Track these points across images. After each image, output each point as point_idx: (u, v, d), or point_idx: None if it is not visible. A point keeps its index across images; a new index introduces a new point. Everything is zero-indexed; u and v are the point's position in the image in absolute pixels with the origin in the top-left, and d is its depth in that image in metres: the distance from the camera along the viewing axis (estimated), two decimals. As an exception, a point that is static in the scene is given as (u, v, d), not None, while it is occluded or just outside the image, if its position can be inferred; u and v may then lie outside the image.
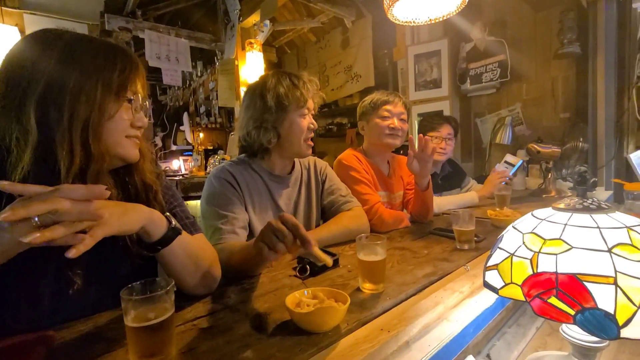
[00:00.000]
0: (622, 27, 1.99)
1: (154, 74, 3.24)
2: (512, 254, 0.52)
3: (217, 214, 0.96)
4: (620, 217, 0.48)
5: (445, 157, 1.90)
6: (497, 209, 1.46)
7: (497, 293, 0.52)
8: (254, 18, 2.46)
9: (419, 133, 2.02)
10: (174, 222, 0.62)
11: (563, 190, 1.89)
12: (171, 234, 0.61)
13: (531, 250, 0.49)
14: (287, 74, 1.08)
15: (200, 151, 3.58)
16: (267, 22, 2.56)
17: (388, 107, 1.41)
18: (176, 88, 3.97)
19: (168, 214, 0.63)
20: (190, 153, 3.82)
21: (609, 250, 0.44)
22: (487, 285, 0.55)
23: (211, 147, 3.88)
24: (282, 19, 3.47)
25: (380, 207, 1.27)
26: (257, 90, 1.05)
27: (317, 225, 1.15)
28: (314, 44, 4.13)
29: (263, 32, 2.58)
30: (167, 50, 2.58)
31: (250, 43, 2.48)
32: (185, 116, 4.11)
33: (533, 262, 0.48)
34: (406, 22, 1.38)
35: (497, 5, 2.45)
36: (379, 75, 3.45)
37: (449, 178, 1.94)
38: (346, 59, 3.72)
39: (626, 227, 0.46)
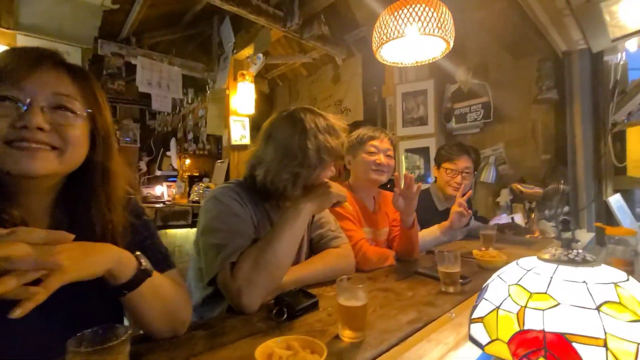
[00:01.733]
0: (596, 77, 2.12)
1: (145, 99, 3.24)
2: (498, 307, 0.49)
3: (225, 232, 0.87)
4: (606, 272, 0.46)
5: (460, 192, 1.71)
6: (483, 249, 1.45)
7: (483, 350, 0.49)
8: (248, 51, 2.53)
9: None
10: (144, 262, 0.57)
11: (546, 231, 1.90)
12: (140, 277, 0.56)
13: (517, 304, 0.47)
14: (325, 121, 1.02)
15: (185, 178, 3.51)
16: (261, 55, 2.64)
17: (374, 142, 1.42)
18: (165, 114, 3.98)
19: (139, 253, 0.58)
20: (175, 179, 3.76)
21: (597, 309, 0.41)
22: (472, 339, 0.51)
23: (197, 174, 3.83)
24: (275, 53, 3.58)
25: (365, 245, 1.24)
26: (296, 138, 0.95)
27: (307, 258, 1.10)
28: (305, 77, 4.26)
29: (256, 64, 2.65)
30: (158, 77, 2.61)
31: (242, 74, 2.53)
32: (172, 141, 4.09)
33: (519, 317, 0.45)
34: (393, 63, 1.43)
35: (480, 51, 2.60)
36: (368, 110, 3.54)
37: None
38: (337, 93, 3.83)
39: (613, 283, 0.44)
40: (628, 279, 0.45)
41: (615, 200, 2.08)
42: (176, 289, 0.67)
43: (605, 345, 0.38)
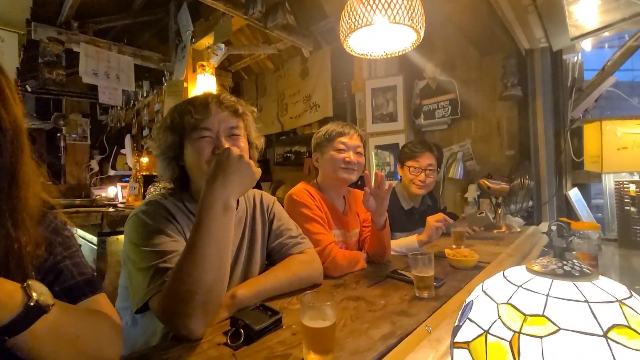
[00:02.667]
0: (556, 75, 2.18)
1: (95, 91, 2.94)
2: (487, 332, 0.41)
3: (155, 253, 0.75)
4: (608, 286, 0.40)
5: (424, 190, 1.74)
6: (454, 247, 1.42)
7: (471, 384, 0.41)
8: (208, 40, 2.35)
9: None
10: (36, 295, 0.43)
11: (512, 226, 1.93)
12: (29, 315, 0.42)
13: (510, 329, 0.39)
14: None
15: (139, 178, 3.23)
16: (222, 45, 2.46)
17: (343, 139, 1.33)
18: (118, 108, 3.65)
19: (30, 282, 0.44)
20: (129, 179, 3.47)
21: (605, 335, 0.35)
22: (456, 369, 0.43)
23: (155, 174, 3.54)
24: (238, 43, 3.39)
25: (334, 249, 1.15)
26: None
27: (261, 272, 0.99)
28: (272, 72, 4.11)
29: (217, 55, 2.47)
30: (106, 67, 2.35)
31: (202, 65, 2.35)
32: (127, 139, 3.76)
33: (513, 345, 0.38)
34: (362, 54, 1.34)
35: (447, 47, 2.60)
36: (337, 106, 3.47)
37: (428, 213, 1.79)
38: (305, 88, 3.72)
39: (618, 301, 0.38)
40: (631, 295, 0.39)
41: (574, 194, 2.16)
42: (95, 322, 0.54)
43: (617, 382, 0.32)
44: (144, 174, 3.26)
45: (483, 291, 0.47)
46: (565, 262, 0.43)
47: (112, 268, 2.00)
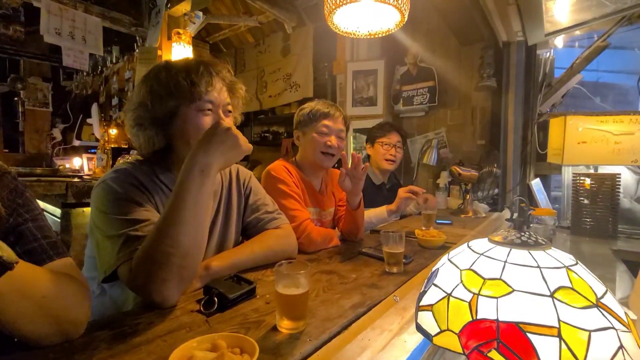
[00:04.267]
0: (529, 69, 2.26)
1: (58, 54, 2.72)
2: (449, 294, 0.45)
3: (126, 221, 0.72)
4: (557, 255, 0.44)
5: (395, 165, 1.94)
6: (424, 228, 1.48)
7: (432, 341, 0.44)
8: (184, 7, 2.22)
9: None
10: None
11: (479, 212, 2.03)
12: None
13: (470, 291, 0.43)
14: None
15: (108, 149, 3.06)
16: (200, 13, 2.34)
17: (327, 122, 1.32)
18: (84, 73, 3.39)
19: None
20: (96, 151, 3.27)
21: (551, 295, 0.39)
22: (420, 329, 0.47)
23: (125, 147, 3.35)
24: (217, 12, 3.23)
25: (309, 225, 1.17)
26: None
27: (235, 246, 0.99)
28: (253, 46, 3.97)
29: (194, 23, 2.35)
30: (70, 27, 2.15)
31: (178, 33, 2.23)
32: (94, 108, 3.52)
33: (472, 305, 0.41)
34: (346, 32, 1.33)
35: (429, 34, 2.62)
36: (318, 87, 3.43)
37: (395, 190, 1.91)
38: (286, 66, 3.63)
39: (565, 267, 0.42)
40: (577, 263, 0.44)
41: (536, 184, 2.30)
42: (61, 283, 0.52)
43: (559, 335, 0.36)
44: (113, 146, 3.10)
45: (449, 260, 0.51)
46: (522, 234, 0.47)
47: (77, 241, 1.92)
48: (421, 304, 0.49)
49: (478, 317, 0.40)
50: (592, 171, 2.15)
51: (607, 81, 3.26)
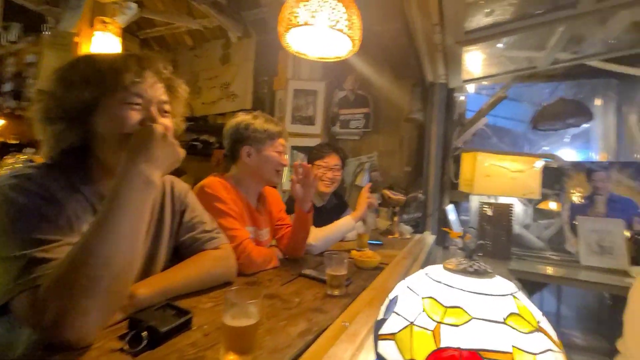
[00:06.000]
0: (448, 109, 2.59)
1: None
2: (412, 323, 0.46)
3: (29, 240, 0.58)
4: (502, 282, 0.49)
5: (332, 188, 1.90)
6: (359, 249, 1.53)
7: (395, 371, 0.44)
8: (115, -6, 1.99)
9: (308, 162, 2.01)
10: None
11: (404, 233, 2.19)
12: None
13: (433, 320, 0.44)
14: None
15: (-6, 144, 2.47)
16: (133, 4, 2.12)
17: (282, 141, 1.31)
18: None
19: None
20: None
21: (504, 322, 0.42)
22: (381, 359, 0.47)
23: (15, 142, 2.73)
24: (153, 7, 2.98)
25: (249, 245, 1.11)
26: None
27: (164, 269, 0.86)
28: (189, 49, 3.75)
29: (125, 14, 2.11)
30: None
31: (104, 22, 1.97)
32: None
33: (436, 334, 0.43)
34: (298, 52, 1.34)
35: (368, 65, 2.81)
36: (256, 99, 3.38)
37: (336, 211, 1.93)
38: (224, 75, 3.50)
39: (511, 294, 0.46)
40: (517, 290, 0.49)
41: (450, 209, 2.60)
42: None
43: (513, 360, 0.39)
44: (1, 141, 2.52)
45: (407, 287, 0.52)
46: (472, 263, 0.51)
47: None
48: (381, 332, 0.49)
49: (442, 345, 0.42)
50: (492, 201, 2.51)
51: (503, 126, 3.92)
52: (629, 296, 1.09)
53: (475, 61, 2.32)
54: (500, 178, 2.35)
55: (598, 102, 3.11)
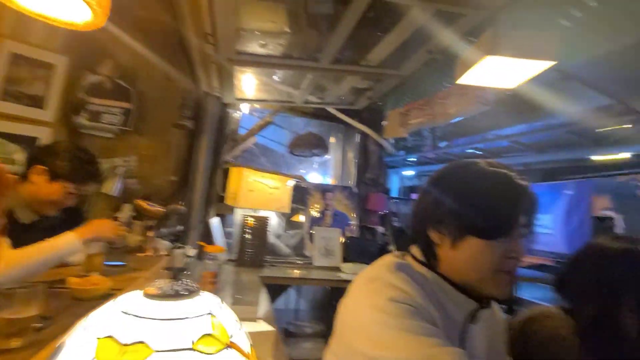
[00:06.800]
0: (221, 122, 2.62)
1: None
2: (71, 380, 0.33)
3: None
4: (206, 301, 0.45)
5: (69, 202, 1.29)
6: (84, 274, 1.19)
7: None
8: None
9: (30, 161, 1.31)
10: None
11: (159, 249, 1.96)
12: None
13: (102, 368, 0.34)
14: None
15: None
16: None
17: None
18: None
19: None
20: None
21: (192, 348, 0.38)
22: None
23: None
24: None
25: None
26: None
27: None
28: None
29: None
30: None
31: None
32: None
33: (101, 387, 0.33)
34: (31, 11, 0.91)
35: (135, 55, 2.41)
36: None
37: (61, 228, 1.26)
38: None
39: (209, 313, 0.43)
40: (220, 305, 0.47)
41: (215, 222, 2.59)
42: None
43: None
44: None
45: (83, 327, 0.39)
46: (178, 283, 0.45)
47: None
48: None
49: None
50: (254, 213, 2.73)
51: (270, 147, 4.45)
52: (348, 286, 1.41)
53: (249, 84, 2.49)
54: (261, 193, 2.60)
55: (332, 139, 4.12)
